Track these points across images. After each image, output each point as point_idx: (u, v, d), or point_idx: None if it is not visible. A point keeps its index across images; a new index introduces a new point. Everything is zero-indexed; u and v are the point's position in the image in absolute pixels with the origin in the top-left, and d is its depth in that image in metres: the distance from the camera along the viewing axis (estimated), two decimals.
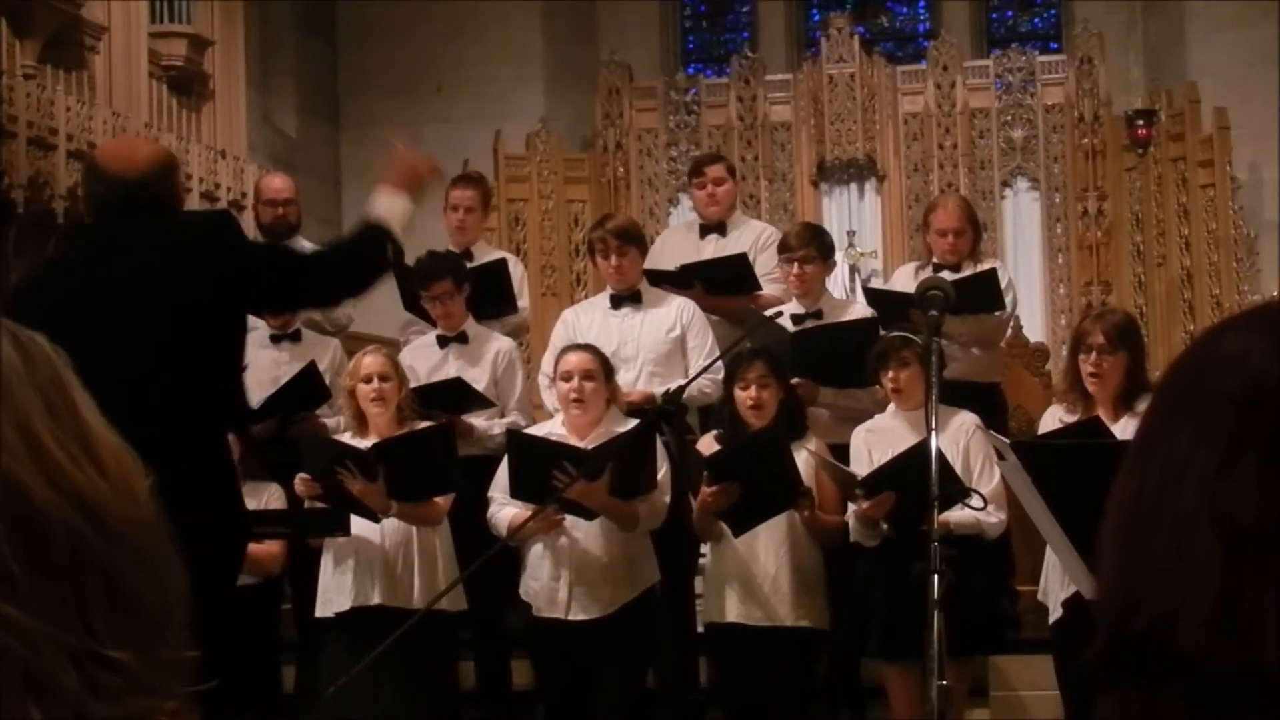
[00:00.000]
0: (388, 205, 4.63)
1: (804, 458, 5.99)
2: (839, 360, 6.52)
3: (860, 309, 7.25)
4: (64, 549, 0.93)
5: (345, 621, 6.06)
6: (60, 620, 0.92)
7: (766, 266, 7.23)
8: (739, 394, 6.10)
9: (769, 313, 6.78)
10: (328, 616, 6.14)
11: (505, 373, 7.07)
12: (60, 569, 0.93)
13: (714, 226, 7.70)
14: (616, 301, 6.96)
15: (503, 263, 7.69)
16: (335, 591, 6.13)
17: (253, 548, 6.08)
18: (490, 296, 7.43)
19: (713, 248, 7.58)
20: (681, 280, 7.16)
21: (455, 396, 6.72)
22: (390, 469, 5.89)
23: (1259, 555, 0.91)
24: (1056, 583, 5.64)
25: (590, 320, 6.99)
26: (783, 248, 7.06)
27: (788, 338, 6.60)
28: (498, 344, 7.12)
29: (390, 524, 6.05)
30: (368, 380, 6.14)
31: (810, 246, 6.98)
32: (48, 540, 0.93)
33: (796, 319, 6.85)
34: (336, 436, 6.38)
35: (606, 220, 7.35)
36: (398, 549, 6.09)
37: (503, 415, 6.98)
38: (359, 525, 6.05)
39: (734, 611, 6.04)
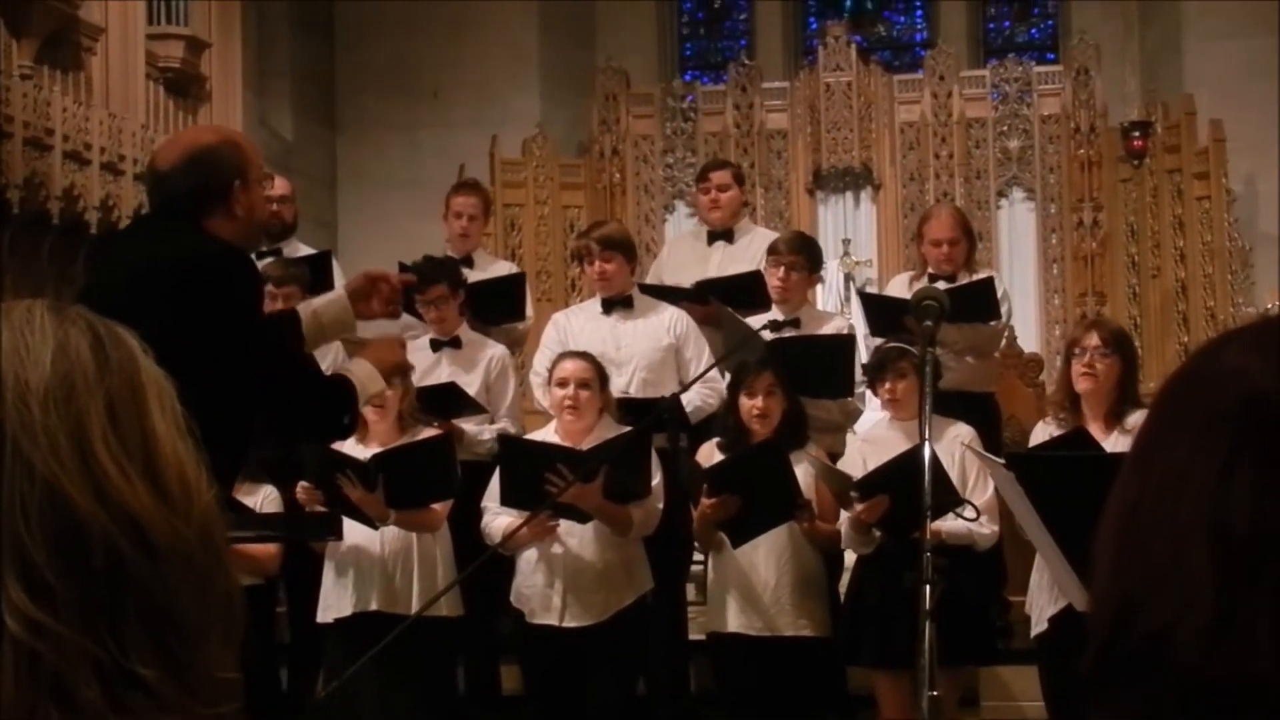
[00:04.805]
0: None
1: (803, 469, 6.00)
2: (813, 372, 6.54)
3: (839, 323, 7.29)
4: (102, 563, 0.92)
5: (345, 627, 6.07)
6: (92, 632, 0.91)
7: None
8: (745, 402, 6.10)
9: (758, 327, 6.79)
10: (328, 622, 6.16)
11: (497, 379, 7.08)
12: (97, 582, 0.92)
13: (721, 234, 7.72)
14: (608, 306, 6.98)
15: (521, 276, 7.78)
16: (336, 597, 6.15)
17: (251, 548, 6.09)
18: (503, 306, 7.49)
19: (720, 255, 7.61)
20: (697, 297, 7.15)
21: (447, 400, 6.73)
22: (389, 478, 5.90)
23: (1255, 567, 0.92)
24: (1044, 596, 5.64)
25: (581, 324, 7.00)
26: (771, 250, 7.09)
27: (764, 346, 6.61)
28: (491, 351, 7.13)
29: (390, 531, 6.07)
30: None
31: (799, 254, 7.01)
32: (86, 553, 0.92)
33: (774, 326, 6.86)
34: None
35: (593, 228, 7.38)
36: (397, 556, 6.10)
37: (492, 422, 6.99)
38: (359, 532, 6.07)
39: (734, 621, 6.05)
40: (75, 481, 0.92)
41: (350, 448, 6.15)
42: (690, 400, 6.69)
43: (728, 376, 6.45)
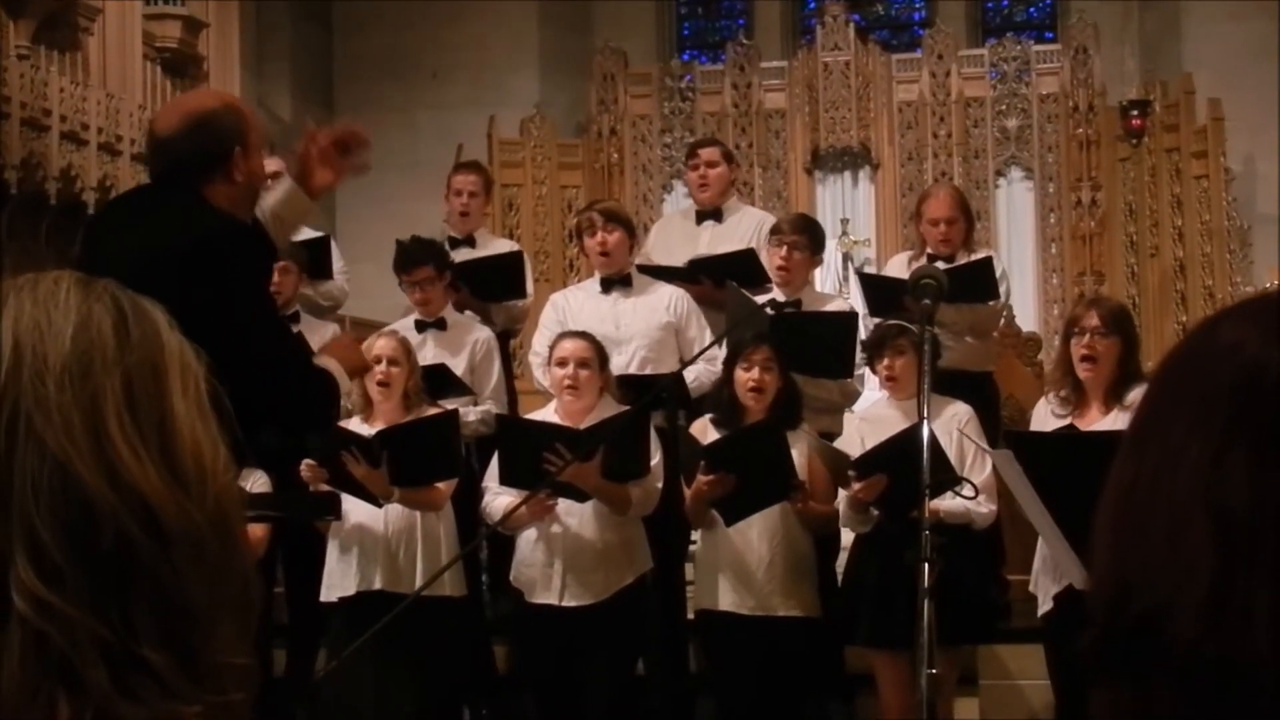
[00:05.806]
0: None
1: (797, 449, 6.00)
2: (815, 350, 6.53)
3: (840, 305, 7.28)
4: (111, 545, 0.91)
5: (348, 606, 6.08)
6: (99, 614, 0.91)
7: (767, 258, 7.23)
8: (740, 374, 6.09)
9: (760, 300, 6.79)
10: (331, 601, 6.17)
11: (482, 361, 7.07)
12: (105, 564, 0.91)
13: (710, 213, 7.69)
14: (606, 285, 6.97)
15: (520, 254, 7.76)
16: (339, 576, 6.16)
17: None
18: (502, 283, 7.49)
19: (709, 234, 7.58)
20: (689, 275, 7.15)
21: (436, 381, 6.72)
22: (393, 456, 5.91)
23: (1251, 545, 0.91)
24: (1048, 576, 5.65)
25: (581, 303, 6.99)
26: (774, 230, 7.08)
27: (767, 324, 6.60)
28: (476, 333, 7.12)
29: (393, 510, 6.07)
30: (377, 361, 6.14)
31: (802, 234, 7.00)
32: (96, 535, 0.91)
33: (775, 307, 6.85)
34: (343, 419, 6.39)
35: (595, 203, 7.39)
36: (400, 535, 6.11)
37: (476, 404, 6.98)
38: (363, 511, 6.07)
39: (726, 600, 6.04)
40: (86, 461, 0.91)
41: (355, 425, 6.16)
42: (696, 376, 6.69)
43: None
